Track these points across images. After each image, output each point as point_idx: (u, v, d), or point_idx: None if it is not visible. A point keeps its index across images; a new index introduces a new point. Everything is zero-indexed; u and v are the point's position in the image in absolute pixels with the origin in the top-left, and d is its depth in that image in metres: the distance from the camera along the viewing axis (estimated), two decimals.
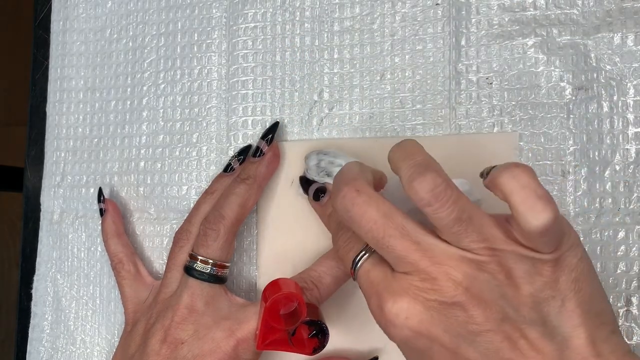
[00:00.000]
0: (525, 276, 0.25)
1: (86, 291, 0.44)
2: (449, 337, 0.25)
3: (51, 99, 0.46)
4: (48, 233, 0.45)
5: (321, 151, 0.36)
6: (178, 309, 0.34)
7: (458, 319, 0.25)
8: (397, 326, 0.26)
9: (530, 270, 0.25)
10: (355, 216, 0.27)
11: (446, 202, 0.24)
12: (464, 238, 0.25)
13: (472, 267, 0.25)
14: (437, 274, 0.25)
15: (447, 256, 0.25)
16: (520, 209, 0.23)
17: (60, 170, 0.45)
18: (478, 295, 0.25)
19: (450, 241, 0.26)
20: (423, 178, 0.25)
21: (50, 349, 0.44)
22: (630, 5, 0.34)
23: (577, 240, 0.25)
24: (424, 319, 0.25)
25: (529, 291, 0.25)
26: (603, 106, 0.34)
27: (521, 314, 0.25)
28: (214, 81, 0.42)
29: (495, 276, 0.25)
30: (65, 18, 0.46)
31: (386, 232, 0.26)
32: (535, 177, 0.24)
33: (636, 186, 0.34)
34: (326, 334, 0.32)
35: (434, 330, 0.25)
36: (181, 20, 0.43)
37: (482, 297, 0.25)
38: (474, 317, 0.25)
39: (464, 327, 0.25)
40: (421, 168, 0.25)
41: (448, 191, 0.24)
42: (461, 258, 0.25)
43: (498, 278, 0.25)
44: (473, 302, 0.25)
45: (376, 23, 0.39)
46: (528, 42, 0.36)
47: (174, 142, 0.42)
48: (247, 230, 0.40)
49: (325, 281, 0.35)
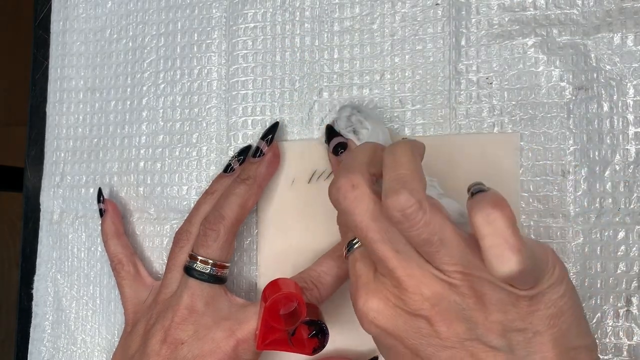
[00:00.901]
0: (498, 304, 0.25)
1: (86, 291, 0.44)
2: (413, 343, 0.26)
3: (51, 99, 0.46)
4: (48, 233, 0.45)
5: (356, 107, 0.37)
6: (178, 309, 0.34)
7: (422, 331, 0.26)
8: (367, 322, 0.27)
9: (505, 299, 0.25)
10: (346, 210, 0.27)
11: (416, 224, 0.25)
12: (435, 259, 0.26)
13: (442, 287, 0.25)
14: (408, 285, 0.26)
15: (421, 271, 0.26)
16: (487, 255, 0.23)
17: (60, 170, 0.45)
18: (444, 314, 0.25)
19: (426, 258, 0.26)
20: (396, 197, 0.24)
21: (52, 348, 0.44)
22: (630, 5, 0.34)
23: (561, 277, 0.25)
24: (391, 321, 0.26)
25: (498, 319, 0.25)
26: (603, 106, 0.34)
27: (488, 338, 0.25)
28: (214, 81, 0.42)
29: (465, 300, 0.25)
30: (65, 18, 0.46)
31: (369, 234, 0.27)
32: (512, 221, 0.23)
33: (636, 186, 0.34)
34: (326, 334, 0.32)
35: (399, 333, 0.26)
36: (181, 20, 0.43)
37: (448, 316, 0.25)
38: (439, 332, 0.25)
39: (428, 339, 0.26)
40: (398, 185, 0.25)
41: (419, 213, 0.24)
42: (433, 276, 0.26)
43: (467, 302, 0.25)
44: (438, 318, 0.25)
45: (376, 23, 0.39)
46: (528, 42, 0.36)
47: (174, 142, 0.42)
48: (247, 230, 0.40)
49: (325, 281, 0.35)
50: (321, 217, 0.38)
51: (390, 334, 0.27)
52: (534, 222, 0.35)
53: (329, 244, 0.37)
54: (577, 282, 0.34)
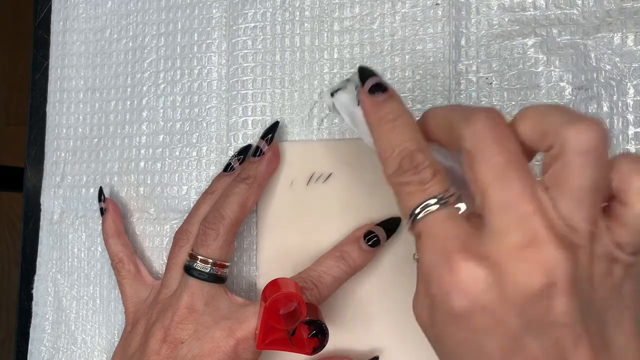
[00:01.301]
0: (601, 276, 0.22)
1: (86, 291, 0.44)
2: (519, 323, 0.22)
3: (51, 99, 0.46)
4: (48, 233, 0.45)
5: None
6: (178, 308, 0.34)
7: (537, 305, 0.21)
8: (464, 293, 0.22)
9: (605, 270, 0.22)
10: (485, 142, 0.23)
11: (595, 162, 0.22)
12: (576, 212, 0.22)
13: (571, 251, 0.21)
14: (539, 246, 0.21)
15: (552, 229, 0.21)
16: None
17: (60, 170, 0.45)
18: (569, 284, 0.21)
19: (563, 212, 0.22)
20: (588, 126, 0.22)
21: (52, 348, 0.44)
22: (630, 5, 0.34)
23: None
24: (500, 294, 0.21)
25: (601, 294, 0.22)
26: (603, 106, 0.34)
27: (592, 316, 0.22)
28: (214, 81, 0.42)
29: (584, 268, 0.22)
30: (65, 18, 0.46)
31: (509, 169, 0.22)
32: None
33: None
34: (326, 333, 0.32)
35: (505, 311, 0.22)
36: (181, 20, 0.43)
37: (571, 288, 0.21)
38: (556, 307, 0.21)
39: (541, 316, 0.21)
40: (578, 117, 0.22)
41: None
42: (564, 237, 0.22)
43: (585, 271, 0.22)
44: (562, 290, 0.21)
45: (376, 23, 0.39)
46: (528, 42, 0.36)
47: (174, 142, 0.42)
48: (247, 230, 0.40)
49: (325, 281, 0.35)
50: (320, 218, 0.38)
51: (490, 312, 0.22)
52: None
53: (328, 244, 0.37)
54: None
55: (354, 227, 0.37)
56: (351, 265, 0.35)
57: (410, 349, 0.36)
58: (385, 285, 0.37)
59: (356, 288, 0.37)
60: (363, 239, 0.35)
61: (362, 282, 0.37)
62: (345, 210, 0.38)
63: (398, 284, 0.36)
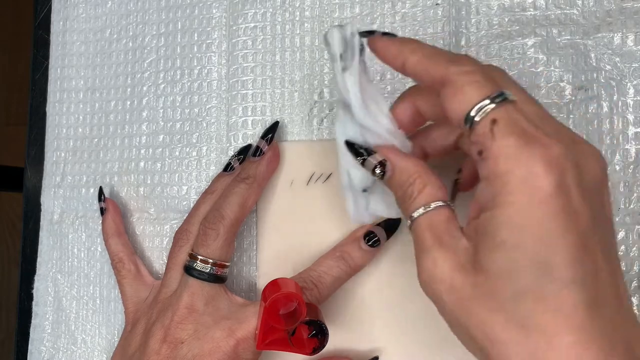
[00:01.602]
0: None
1: (86, 291, 0.44)
2: (589, 216, 0.22)
3: (51, 99, 0.46)
4: (48, 233, 0.45)
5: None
6: (178, 308, 0.34)
7: (598, 196, 0.23)
8: (556, 169, 0.22)
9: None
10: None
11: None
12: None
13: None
14: (583, 142, 0.24)
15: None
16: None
17: (60, 170, 0.45)
18: (607, 180, 0.24)
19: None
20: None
21: (52, 348, 0.44)
22: (630, 5, 0.34)
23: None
24: (579, 180, 0.22)
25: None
26: (603, 106, 0.34)
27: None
28: (214, 81, 0.42)
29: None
30: (65, 18, 0.46)
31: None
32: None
33: (636, 186, 0.34)
34: (326, 334, 0.32)
35: (580, 200, 0.22)
36: (181, 20, 0.43)
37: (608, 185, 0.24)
38: (607, 201, 0.23)
39: (599, 208, 0.22)
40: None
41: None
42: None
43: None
44: (607, 185, 0.23)
45: (376, 23, 0.39)
46: (528, 42, 0.36)
47: (174, 142, 0.42)
48: (247, 230, 0.40)
49: (325, 281, 0.35)
50: (320, 218, 0.38)
51: (572, 195, 0.22)
52: None
53: (328, 244, 0.37)
54: None
55: (354, 227, 0.37)
56: (351, 266, 0.35)
57: (410, 349, 0.36)
58: (385, 286, 0.37)
59: (356, 288, 0.37)
60: (363, 239, 0.35)
61: (362, 282, 0.37)
62: (345, 210, 0.38)
63: (398, 284, 0.36)
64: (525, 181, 0.21)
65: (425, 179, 0.26)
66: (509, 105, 0.23)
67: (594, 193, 0.22)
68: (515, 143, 0.22)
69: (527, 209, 0.21)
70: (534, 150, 0.22)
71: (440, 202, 0.25)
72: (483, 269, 0.23)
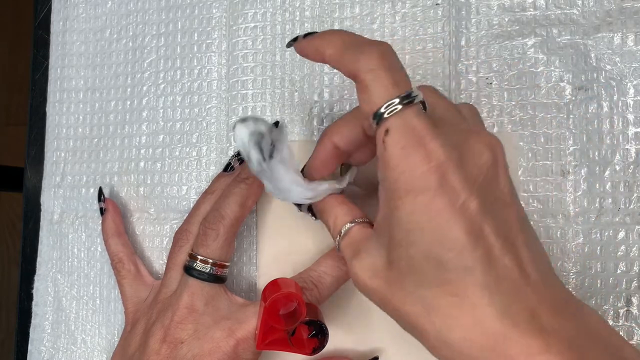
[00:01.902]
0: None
1: (86, 291, 0.44)
2: (478, 204, 0.24)
3: (51, 99, 0.46)
4: (48, 233, 0.45)
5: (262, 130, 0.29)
6: (178, 308, 0.34)
7: (490, 183, 0.25)
8: (438, 170, 0.24)
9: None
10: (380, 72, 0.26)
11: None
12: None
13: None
14: (481, 132, 0.26)
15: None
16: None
17: (60, 170, 0.45)
18: (504, 163, 0.26)
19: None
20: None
21: (52, 348, 0.44)
22: (630, 5, 0.34)
23: None
24: (464, 174, 0.24)
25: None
26: (603, 106, 0.34)
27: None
28: (214, 81, 0.42)
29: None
30: (65, 18, 0.46)
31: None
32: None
33: (636, 186, 0.34)
34: (326, 334, 0.32)
35: (468, 192, 0.24)
36: (181, 20, 0.43)
37: (506, 168, 0.26)
38: (502, 185, 0.25)
39: (493, 195, 0.25)
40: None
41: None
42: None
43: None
44: (502, 167, 0.25)
45: (376, 23, 0.39)
46: (528, 42, 0.36)
47: (174, 142, 0.42)
48: (247, 230, 0.40)
49: (325, 281, 0.35)
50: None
51: (457, 190, 0.24)
52: (534, 222, 0.35)
53: (328, 244, 0.37)
54: (577, 282, 0.34)
55: None
56: None
57: (410, 349, 0.36)
58: None
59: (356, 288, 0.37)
60: None
61: None
62: None
63: None
64: (410, 186, 0.24)
65: (334, 213, 0.30)
66: (410, 109, 0.24)
67: (485, 180, 0.24)
68: (401, 153, 0.24)
69: (414, 211, 0.24)
70: (417, 157, 0.24)
71: (348, 224, 0.29)
72: (393, 265, 0.26)
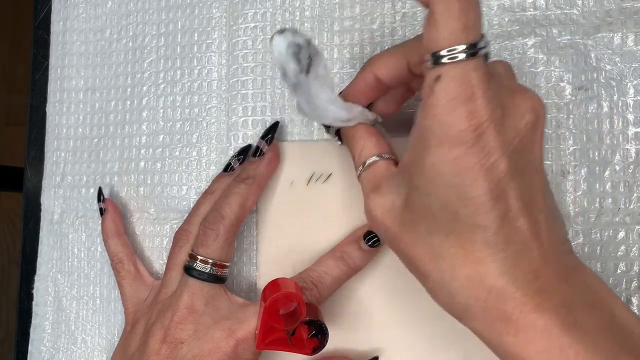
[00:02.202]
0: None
1: (86, 291, 0.44)
2: (507, 167, 0.24)
3: (51, 99, 0.46)
4: (48, 233, 0.45)
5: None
6: (178, 308, 0.34)
7: (526, 147, 0.25)
8: (479, 124, 0.23)
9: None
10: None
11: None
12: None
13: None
14: (526, 90, 0.26)
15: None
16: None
17: (60, 170, 0.45)
18: (544, 129, 0.26)
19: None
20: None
21: (52, 348, 0.44)
22: (630, 5, 0.34)
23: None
24: (503, 134, 0.24)
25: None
26: (603, 106, 0.34)
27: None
28: (214, 81, 0.42)
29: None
30: (65, 18, 0.46)
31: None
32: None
33: (636, 186, 0.34)
34: (326, 334, 0.32)
35: (500, 152, 0.23)
36: (181, 20, 0.43)
37: (543, 136, 0.26)
38: (536, 152, 0.25)
39: (525, 161, 0.25)
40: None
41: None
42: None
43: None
44: (540, 133, 0.25)
45: (376, 23, 0.39)
46: (528, 42, 0.36)
47: (174, 142, 0.42)
48: (247, 230, 0.40)
49: (325, 281, 0.35)
50: (320, 218, 0.38)
51: (489, 148, 0.23)
52: None
53: (328, 244, 0.37)
54: None
55: (354, 227, 0.37)
56: (351, 266, 0.35)
57: (410, 349, 0.36)
58: (385, 285, 0.37)
59: (356, 288, 0.37)
60: (363, 239, 0.35)
61: (363, 281, 0.37)
62: (345, 210, 0.38)
63: (398, 284, 0.36)
64: (446, 137, 0.23)
65: (362, 142, 0.30)
66: (471, 62, 0.23)
67: (520, 143, 0.24)
68: (447, 104, 0.23)
69: (443, 162, 0.24)
70: (462, 112, 0.23)
71: (375, 157, 0.29)
72: (410, 207, 0.26)
